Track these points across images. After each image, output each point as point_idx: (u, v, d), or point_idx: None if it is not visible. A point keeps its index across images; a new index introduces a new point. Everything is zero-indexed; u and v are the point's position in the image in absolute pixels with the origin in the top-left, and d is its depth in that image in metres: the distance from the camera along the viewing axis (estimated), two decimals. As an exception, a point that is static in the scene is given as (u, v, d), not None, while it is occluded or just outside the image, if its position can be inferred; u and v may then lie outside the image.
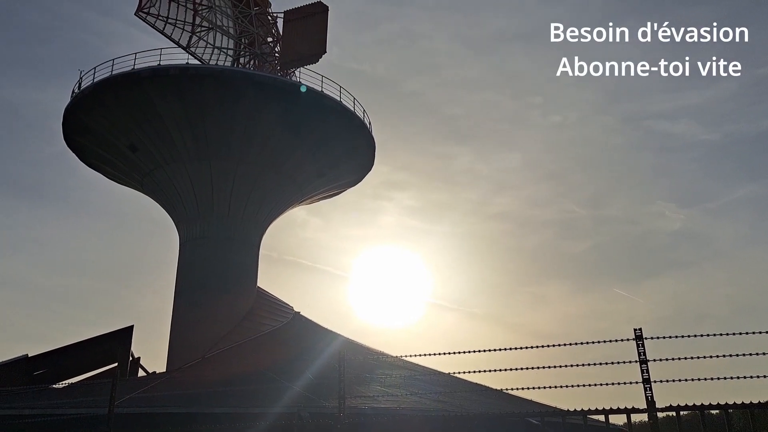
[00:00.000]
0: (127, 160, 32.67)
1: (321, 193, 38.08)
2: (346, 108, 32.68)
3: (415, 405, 18.52)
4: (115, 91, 29.76)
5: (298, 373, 23.23)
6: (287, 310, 33.73)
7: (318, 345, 29.05)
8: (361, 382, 20.78)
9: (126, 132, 31.02)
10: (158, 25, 34.76)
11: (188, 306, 31.24)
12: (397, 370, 24.87)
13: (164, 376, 26.48)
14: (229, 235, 32.28)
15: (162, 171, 31.96)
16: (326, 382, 20.10)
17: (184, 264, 32.64)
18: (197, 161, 31.19)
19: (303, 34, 33.35)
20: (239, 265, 32.46)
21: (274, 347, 28.88)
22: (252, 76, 30.81)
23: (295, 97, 30.57)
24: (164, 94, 29.28)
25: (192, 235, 32.50)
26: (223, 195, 31.95)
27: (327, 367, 23.00)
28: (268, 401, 19.04)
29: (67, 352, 28.73)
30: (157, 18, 34.67)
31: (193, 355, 28.35)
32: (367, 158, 36.38)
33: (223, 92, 29.34)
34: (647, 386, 8.55)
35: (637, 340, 8.84)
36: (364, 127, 33.95)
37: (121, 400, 15.74)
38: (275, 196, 33.67)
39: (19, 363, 26.84)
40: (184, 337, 30.61)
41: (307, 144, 32.30)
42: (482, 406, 19.84)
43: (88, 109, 30.91)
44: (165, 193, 33.15)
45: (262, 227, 34.48)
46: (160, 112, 29.72)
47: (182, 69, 29.75)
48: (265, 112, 30.25)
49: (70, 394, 21.46)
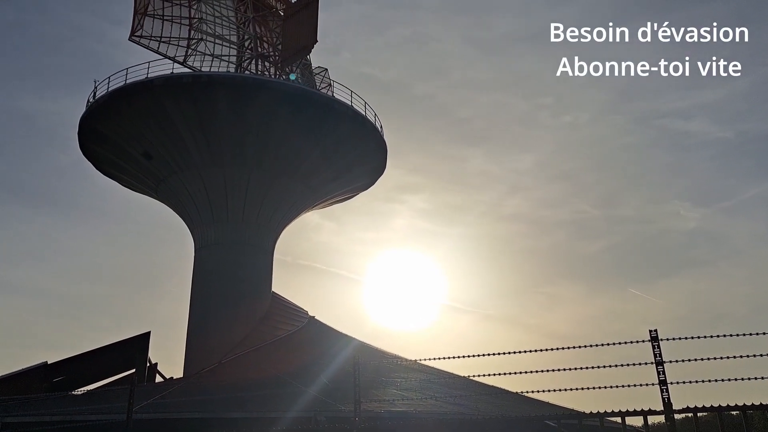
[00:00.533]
0: (141, 168, 32.98)
1: (334, 197, 38.18)
2: (358, 112, 32.77)
3: (431, 408, 18.50)
4: (129, 99, 30.07)
5: (313, 377, 23.30)
6: (302, 315, 33.83)
7: (333, 349, 29.11)
8: (377, 386, 20.80)
9: (140, 140, 31.32)
10: (152, 46, 35.09)
11: (204, 311, 31.44)
12: (412, 374, 24.84)
13: (181, 382, 26.66)
14: (243, 241, 32.47)
15: (176, 178, 32.23)
16: (342, 386, 20.13)
17: (200, 270, 32.86)
18: (211, 168, 31.41)
19: (297, 27, 33.64)
20: (254, 270, 32.63)
21: (289, 352, 28.97)
22: (264, 82, 30.99)
23: (306, 102, 30.72)
24: (177, 101, 29.53)
25: (207, 241, 32.72)
26: (236, 201, 32.14)
27: (342, 371, 23.05)
28: (285, 405, 19.11)
29: (85, 359, 29.02)
30: (151, 39, 34.99)
31: (210, 361, 28.51)
32: (380, 162, 36.45)
33: (236, 99, 29.53)
34: (664, 388, 8.49)
35: (652, 342, 8.78)
36: (376, 131, 34.03)
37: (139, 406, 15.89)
38: (289, 200, 33.81)
39: (39, 370, 27.14)
40: (200, 343, 30.80)
41: (320, 148, 32.41)
42: (499, 409, 19.78)
43: (103, 117, 31.26)
44: (179, 199, 33.41)
45: (276, 232, 34.64)
46: (173, 120, 29.98)
47: (195, 77, 30.02)
48: (278, 117, 30.40)
49: (89, 401, 21.66)
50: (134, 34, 34.14)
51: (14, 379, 25.88)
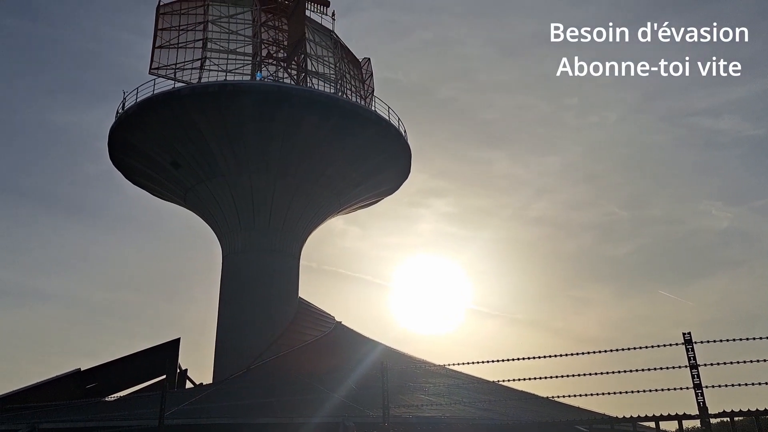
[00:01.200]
0: (170, 177, 33.46)
1: (359, 202, 38.30)
2: (381, 117, 32.87)
3: (460, 413, 18.40)
4: (156, 109, 30.55)
5: (341, 382, 23.35)
6: (329, 320, 33.96)
7: (360, 354, 29.15)
8: (405, 391, 20.75)
9: (168, 149, 31.80)
10: (170, 75, 35.65)
11: (232, 317, 31.75)
12: (440, 379, 24.76)
13: (211, 388, 26.91)
14: (270, 247, 32.73)
15: (204, 186, 32.64)
16: (370, 392, 20.13)
17: (227, 276, 33.20)
18: (237, 175, 31.75)
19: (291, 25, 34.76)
20: (281, 276, 32.86)
21: (316, 357, 29.10)
22: (289, 90, 31.25)
23: (331, 108, 30.90)
24: (204, 110, 29.92)
25: (234, 247, 33.05)
26: (263, 208, 32.43)
27: (369, 376, 23.05)
28: (313, 411, 19.18)
29: (117, 366, 29.46)
30: (167, 69, 35.55)
31: (238, 366, 28.77)
32: (404, 166, 36.47)
33: (261, 106, 29.82)
34: (698, 391, 8.34)
35: (686, 345, 8.64)
36: (400, 136, 34.07)
37: (170, 411, 16.09)
38: (314, 206, 34.00)
39: (72, 377, 27.65)
40: (228, 349, 31.08)
41: (344, 154, 32.56)
42: (529, 414, 19.59)
43: (132, 128, 31.81)
44: (207, 207, 33.81)
45: (302, 238, 34.85)
46: (200, 129, 30.39)
47: (221, 86, 30.38)
48: (303, 124, 30.62)
49: (122, 407, 22.00)
50: (152, 68, 35.02)
51: (49, 386, 26.40)
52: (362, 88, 39.38)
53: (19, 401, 23.32)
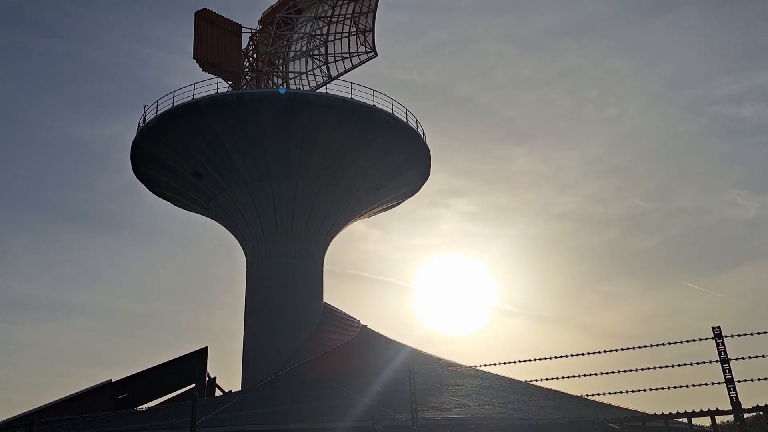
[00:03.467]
0: (192, 187, 33.83)
1: (380, 205, 38.35)
2: (399, 120, 32.88)
3: (490, 414, 18.30)
4: (177, 121, 30.94)
5: (369, 386, 23.37)
6: (354, 324, 34.03)
7: (386, 357, 29.16)
8: (433, 393, 20.71)
9: (190, 160, 32.16)
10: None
11: (258, 324, 31.97)
12: (468, 380, 24.65)
13: (240, 395, 27.12)
14: (293, 253, 32.90)
15: (226, 195, 32.95)
16: (398, 395, 20.12)
17: (252, 283, 33.45)
18: (259, 183, 32.01)
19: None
20: (305, 282, 33.02)
21: (343, 361, 29.17)
22: (305, 96, 31.43)
23: (348, 112, 31.00)
24: (223, 120, 30.23)
25: (258, 254, 33.30)
26: (285, 213, 32.63)
27: (397, 378, 23.04)
28: (342, 415, 19.22)
29: (147, 376, 29.85)
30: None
31: (266, 373, 28.96)
32: (424, 167, 36.45)
33: (280, 114, 30.05)
34: (731, 386, 8.19)
35: (716, 339, 8.49)
36: (419, 137, 34.06)
37: (200, 420, 16.25)
38: (335, 211, 34.13)
39: (104, 388, 28.07)
40: (256, 355, 31.31)
41: (364, 158, 32.65)
42: (560, 413, 19.43)
43: (153, 140, 32.25)
44: (230, 215, 34.11)
45: (325, 243, 34.98)
46: (221, 138, 30.70)
47: (239, 95, 30.67)
48: (321, 129, 30.78)
49: (153, 417, 22.27)
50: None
51: (82, 397, 26.83)
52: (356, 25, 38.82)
53: (55, 414, 23.74)
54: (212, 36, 33.86)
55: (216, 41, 33.94)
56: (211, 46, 33.51)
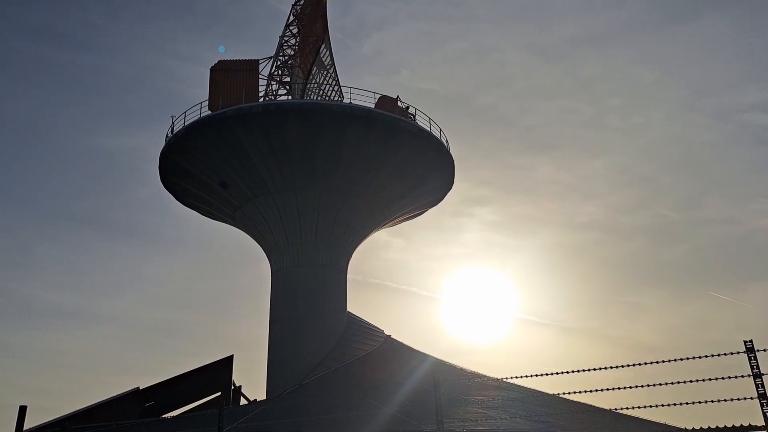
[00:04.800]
0: (219, 197, 34.25)
1: (403, 214, 38.40)
2: (423, 129, 32.95)
3: (517, 427, 18.13)
4: (204, 132, 31.41)
5: (393, 396, 23.31)
6: (378, 334, 34.01)
7: (411, 367, 29.07)
8: (458, 404, 20.59)
9: (217, 170, 32.59)
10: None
11: (283, 333, 32.15)
12: (494, 391, 24.46)
13: (265, 404, 27.25)
14: (317, 262, 33.07)
15: (251, 204, 33.28)
16: (423, 405, 20.05)
17: (277, 292, 33.68)
18: (284, 192, 32.28)
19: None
20: (329, 291, 33.15)
21: (368, 371, 29.15)
22: (330, 106, 31.67)
23: (373, 122, 31.16)
24: (249, 131, 30.60)
25: (282, 264, 33.52)
26: (309, 223, 32.84)
27: (422, 389, 22.96)
28: (367, 426, 19.20)
29: (173, 384, 30.14)
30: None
31: (291, 382, 29.08)
32: (447, 177, 36.43)
33: (304, 124, 30.32)
34: (764, 401, 8.07)
35: (748, 353, 8.37)
36: (442, 147, 34.08)
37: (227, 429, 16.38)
38: (359, 220, 34.25)
39: (132, 395, 28.39)
40: (280, 364, 31.47)
41: (388, 167, 32.75)
42: (590, 427, 19.17)
43: (181, 151, 32.75)
44: (255, 225, 34.44)
45: (349, 252, 35.10)
46: (247, 149, 31.06)
47: (264, 106, 31.02)
48: (345, 139, 30.97)
49: (180, 425, 22.47)
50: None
51: (110, 405, 27.18)
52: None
53: (82, 421, 24.08)
54: (228, 84, 34.15)
55: (233, 86, 34.15)
56: (228, 95, 33.68)
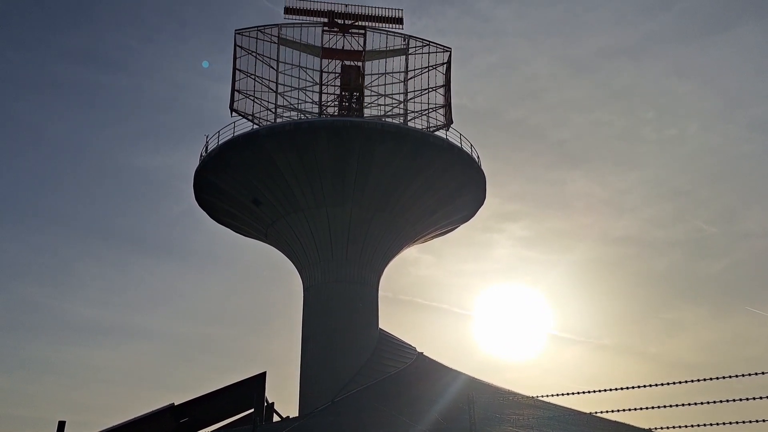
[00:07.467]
0: (251, 214, 34.65)
1: (435, 230, 38.28)
2: (453, 144, 32.93)
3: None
4: (237, 150, 31.89)
5: (426, 414, 23.10)
6: (410, 351, 33.79)
7: (443, 384, 28.79)
8: (492, 423, 20.30)
9: (249, 187, 33.02)
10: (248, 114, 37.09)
11: (315, 350, 32.19)
12: (528, 410, 24.06)
13: (297, 421, 27.25)
14: (349, 279, 33.13)
15: (283, 221, 33.58)
16: (456, 424, 19.81)
17: (309, 308, 33.79)
18: (315, 209, 32.51)
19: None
20: (361, 307, 33.13)
21: (400, 389, 28.95)
22: (360, 123, 31.91)
23: (403, 138, 31.28)
24: (282, 149, 30.98)
25: (314, 280, 33.67)
26: (340, 240, 32.97)
27: (455, 407, 22.69)
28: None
29: (208, 400, 30.26)
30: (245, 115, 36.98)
31: (323, 399, 29.02)
32: (479, 192, 36.26)
33: (335, 141, 30.58)
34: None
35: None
36: (473, 162, 33.97)
37: (260, 445, 16.39)
38: (389, 236, 34.26)
39: (167, 411, 28.62)
40: (313, 381, 31.47)
41: (418, 183, 32.76)
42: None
43: (215, 169, 33.29)
44: (287, 242, 34.70)
45: (380, 268, 35.09)
46: (279, 167, 31.43)
47: (296, 124, 31.42)
48: (375, 155, 31.12)
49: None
50: (232, 107, 36.64)
51: (145, 421, 27.44)
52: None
53: (120, 435, 24.33)
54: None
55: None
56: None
